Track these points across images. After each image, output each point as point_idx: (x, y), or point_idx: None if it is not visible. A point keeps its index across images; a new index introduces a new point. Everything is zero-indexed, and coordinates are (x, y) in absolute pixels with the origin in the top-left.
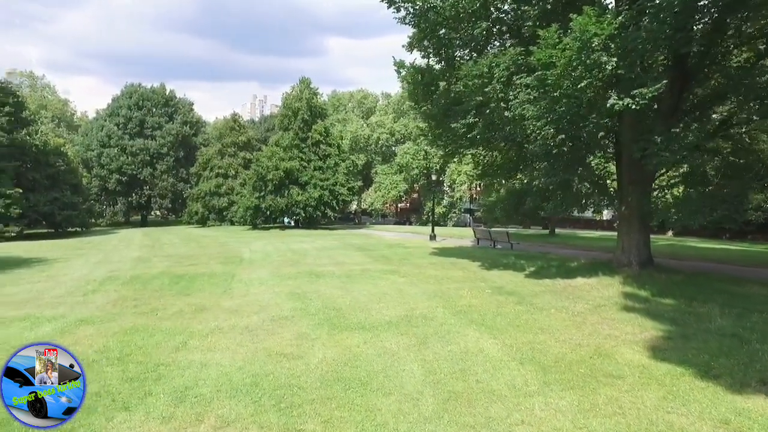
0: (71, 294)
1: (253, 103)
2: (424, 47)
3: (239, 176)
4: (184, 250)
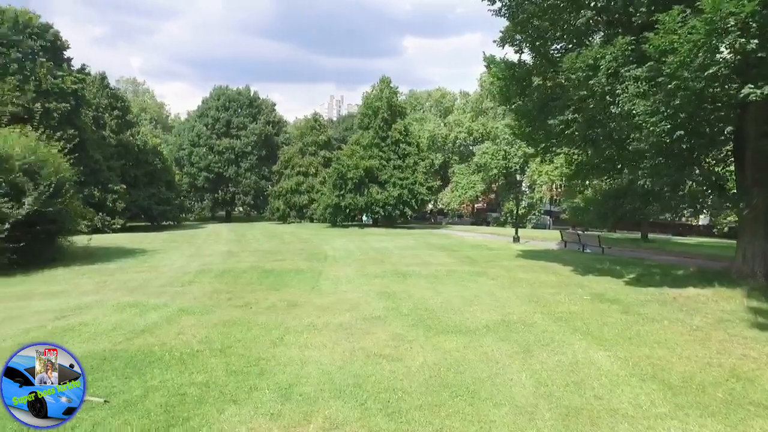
0: (171, 284)
1: (330, 103)
2: (517, 42)
3: (319, 174)
4: (269, 246)
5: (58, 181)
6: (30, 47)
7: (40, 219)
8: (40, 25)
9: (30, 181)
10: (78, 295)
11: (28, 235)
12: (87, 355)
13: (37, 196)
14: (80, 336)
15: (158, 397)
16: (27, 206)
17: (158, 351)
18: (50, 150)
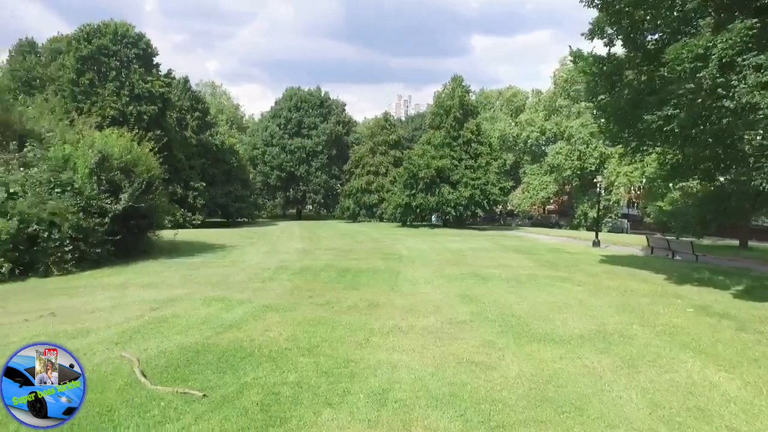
0: (252, 280)
1: (398, 103)
2: (607, 34)
3: (389, 174)
4: (342, 244)
5: (149, 179)
6: (126, 55)
7: (134, 214)
8: (134, 35)
9: (126, 179)
10: (168, 288)
11: (123, 229)
12: (181, 348)
13: (131, 192)
14: (174, 328)
15: (253, 394)
16: (123, 202)
17: (248, 347)
18: (143, 149)
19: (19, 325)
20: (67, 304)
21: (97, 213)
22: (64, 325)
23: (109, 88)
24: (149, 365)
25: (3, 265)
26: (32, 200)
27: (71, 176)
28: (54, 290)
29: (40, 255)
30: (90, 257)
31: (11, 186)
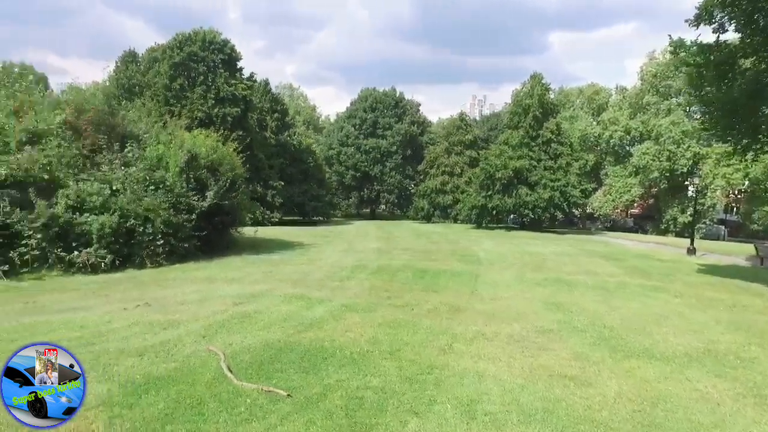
0: (329, 278)
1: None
2: (717, 19)
3: (464, 174)
4: (417, 245)
5: (233, 178)
6: (212, 61)
7: (218, 211)
8: (220, 41)
9: (211, 177)
10: (250, 283)
11: (209, 226)
12: (264, 345)
13: (216, 190)
14: (257, 324)
15: (337, 398)
16: (209, 199)
17: (329, 347)
18: (227, 149)
19: (119, 313)
20: (160, 295)
21: (186, 210)
22: (157, 315)
23: (197, 91)
24: (234, 360)
25: (106, 256)
26: (130, 197)
27: (163, 174)
28: (148, 281)
29: (136, 248)
30: (178, 251)
31: (114, 183)
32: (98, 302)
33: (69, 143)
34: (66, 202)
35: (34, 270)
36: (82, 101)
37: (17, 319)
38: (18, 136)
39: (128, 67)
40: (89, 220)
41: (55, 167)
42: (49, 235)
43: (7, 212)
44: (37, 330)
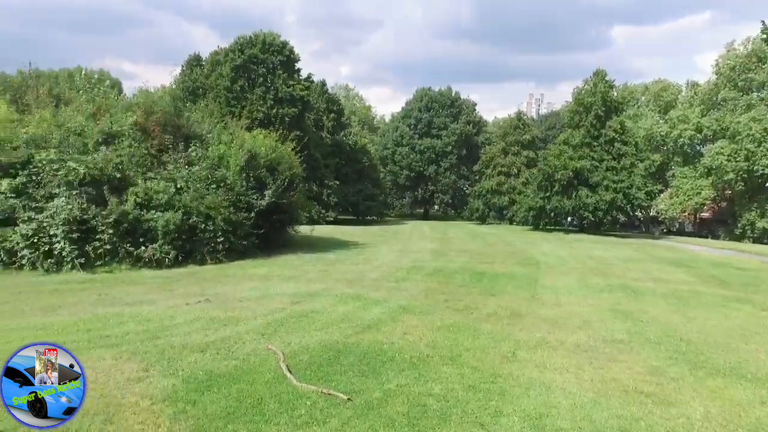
0: (386, 278)
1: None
2: None
3: (521, 175)
4: (473, 246)
5: (291, 177)
6: (272, 62)
7: (276, 209)
8: (279, 44)
9: (270, 176)
10: (306, 282)
11: (267, 224)
12: (323, 346)
13: (275, 189)
14: (314, 324)
15: (398, 404)
16: (267, 198)
17: (388, 350)
18: (285, 149)
19: (182, 308)
20: (220, 291)
21: (245, 208)
22: (217, 311)
23: (256, 92)
24: (293, 360)
25: (169, 252)
26: (193, 195)
27: (224, 173)
28: (208, 277)
29: (197, 244)
30: (237, 249)
31: (178, 182)
32: (162, 296)
33: (138, 143)
34: (135, 200)
35: (105, 263)
36: (151, 103)
37: (92, 311)
38: (95, 137)
39: (193, 70)
40: (155, 217)
41: (126, 166)
42: (120, 230)
43: (84, 208)
44: (108, 322)
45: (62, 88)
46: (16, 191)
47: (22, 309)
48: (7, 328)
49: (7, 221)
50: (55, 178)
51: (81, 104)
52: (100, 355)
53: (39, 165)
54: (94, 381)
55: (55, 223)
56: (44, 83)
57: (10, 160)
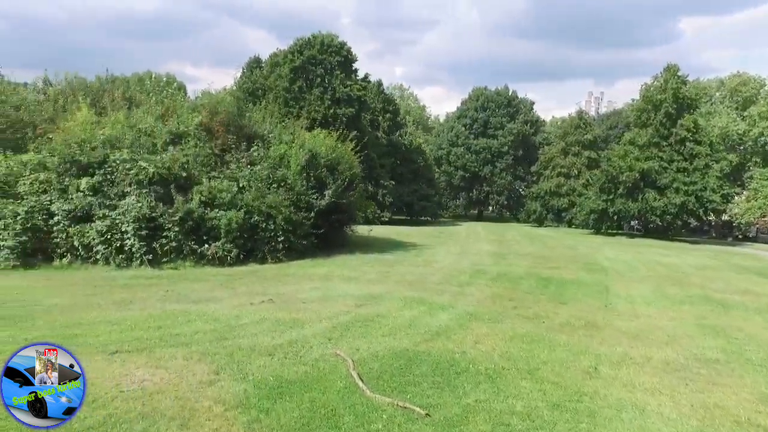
0: (448, 282)
1: (588, 100)
2: None
3: (582, 176)
4: (533, 250)
5: (350, 177)
6: (330, 63)
7: (335, 209)
8: (337, 44)
9: (330, 176)
10: (366, 283)
11: (326, 224)
12: (392, 353)
13: (335, 189)
14: (381, 329)
15: (480, 421)
16: (327, 197)
17: (461, 360)
18: (345, 149)
19: (246, 307)
20: (282, 291)
21: (305, 207)
22: (281, 313)
23: (314, 93)
24: (363, 368)
25: (232, 250)
26: (255, 194)
27: (285, 173)
28: (269, 276)
29: (258, 243)
30: (297, 248)
31: (240, 181)
32: (226, 295)
33: (203, 143)
34: (199, 198)
35: (171, 260)
36: (216, 104)
37: (161, 307)
38: (163, 137)
39: (253, 72)
40: (218, 216)
41: (191, 165)
42: (185, 228)
43: (152, 206)
44: (177, 319)
45: (134, 92)
46: (93, 189)
47: (99, 303)
48: (90, 321)
49: (85, 218)
50: (127, 176)
51: (151, 106)
52: (171, 354)
53: (113, 164)
54: (167, 382)
55: (126, 221)
56: (118, 87)
57: (89, 160)
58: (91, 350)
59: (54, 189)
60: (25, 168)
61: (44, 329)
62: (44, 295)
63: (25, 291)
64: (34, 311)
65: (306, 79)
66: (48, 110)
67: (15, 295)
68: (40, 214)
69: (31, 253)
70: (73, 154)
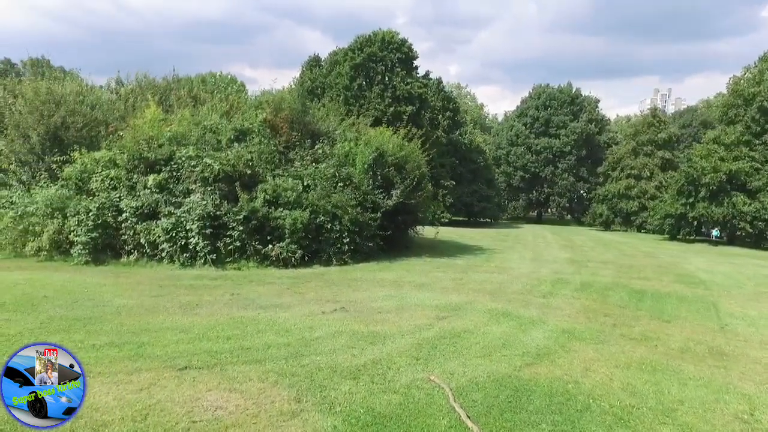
0: (530, 292)
1: (653, 98)
2: None
3: (654, 178)
4: (612, 257)
5: (419, 176)
6: (390, 60)
7: (401, 210)
8: (398, 41)
9: (398, 175)
10: (442, 291)
11: (391, 225)
12: (494, 380)
13: (403, 189)
14: (473, 348)
15: None
16: (394, 198)
17: (576, 393)
18: (413, 147)
19: (318, 317)
20: (353, 298)
21: (371, 208)
22: (357, 324)
23: (374, 91)
24: (464, 399)
25: (296, 251)
26: (320, 193)
27: (351, 171)
28: (336, 280)
29: (323, 245)
30: (362, 250)
31: (305, 179)
32: (295, 301)
33: (268, 140)
34: (264, 197)
35: (234, 260)
36: (280, 100)
37: (228, 312)
38: (228, 134)
39: (312, 70)
40: (283, 215)
41: (255, 163)
42: (249, 227)
43: (217, 205)
44: (246, 329)
45: (198, 90)
46: (159, 186)
47: (165, 306)
48: (157, 327)
49: (151, 215)
50: (192, 173)
51: (215, 103)
52: (245, 373)
53: (179, 161)
54: (244, 410)
55: (191, 219)
56: (183, 86)
57: (156, 157)
58: (160, 364)
59: (123, 186)
60: (97, 165)
61: (112, 334)
62: (113, 294)
63: (94, 289)
64: (103, 313)
65: (366, 76)
66: (119, 109)
67: (85, 293)
68: (109, 211)
69: (101, 249)
70: (141, 151)
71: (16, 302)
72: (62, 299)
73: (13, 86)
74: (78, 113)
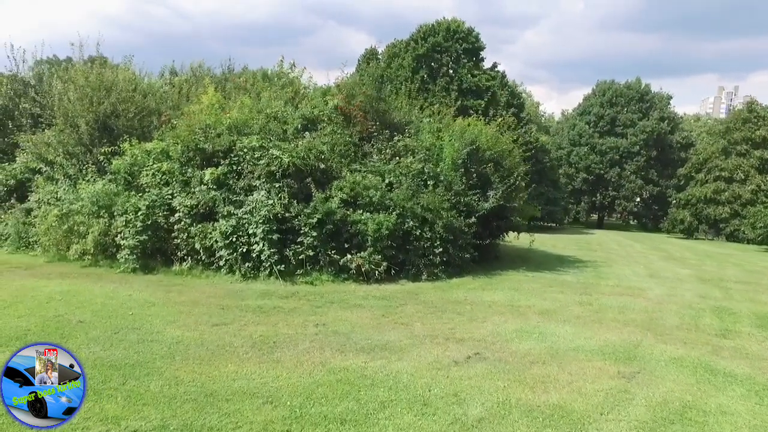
0: (696, 328)
1: (717, 96)
2: None
3: (751, 181)
4: (737, 273)
5: (519, 174)
6: (456, 50)
7: (497, 214)
8: (464, 30)
9: (495, 173)
10: (582, 325)
11: (485, 232)
12: None
13: (503, 189)
14: None
15: None
16: (491, 200)
17: None
18: (507, 141)
19: (453, 372)
20: (478, 335)
21: (465, 211)
22: (520, 389)
23: (439, 84)
24: None
25: (381, 263)
26: (406, 193)
27: (439, 168)
28: (437, 303)
29: (411, 255)
30: (454, 262)
31: (386, 176)
32: (402, 336)
33: (342, 130)
34: (341, 196)
35: (306, 273)
36: (353, 85)
37: (321, 359)
38: (295, 122)
39: (369, 63)
40: (363, 219)
41: (328, 155)
42: (323, 233)
43: (285, 204)
44: (360, 397)
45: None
46: (217, 182)
47: (232, 343)
48: (227, 388)
49: (208, 215)
50: (256, 167)
51: (277, 90)
52: None
53: (240, 153)
54: None
55: (255, 221)
56: (240, 76)
57: (214, 148)
58: None
59: (176, 181)
60: (148, 157)
61: (162, 405)
62: (164, 321)
63: (141, 311)
64: (151, 356)
65: (430, 68)
66: (173, 98)
67: (130, 318)
68: (161, 210)
69: (150, 255)
70: (196, 141)
71: (43, 331)
72: (100, 327)
73: (68, 76)
74: (129, 101)
